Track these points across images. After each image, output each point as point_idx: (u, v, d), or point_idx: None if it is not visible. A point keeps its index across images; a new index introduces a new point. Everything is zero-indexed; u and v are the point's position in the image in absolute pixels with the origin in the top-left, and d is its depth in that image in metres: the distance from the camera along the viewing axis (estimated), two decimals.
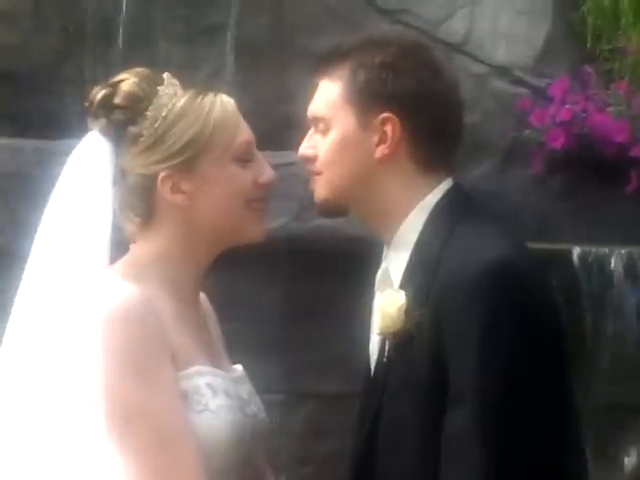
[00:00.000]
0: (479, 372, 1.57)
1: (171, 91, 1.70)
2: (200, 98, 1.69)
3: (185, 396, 1.59)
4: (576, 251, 2.91)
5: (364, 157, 1.75)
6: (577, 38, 3.29)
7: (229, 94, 1.73)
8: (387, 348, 1.73)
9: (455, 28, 3.27)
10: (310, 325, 2.82)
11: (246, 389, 1.78)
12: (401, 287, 1.70)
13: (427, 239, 1.70)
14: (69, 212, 1.69)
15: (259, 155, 1.78)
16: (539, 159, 3.16)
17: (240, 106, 1.83)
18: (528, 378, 1.59)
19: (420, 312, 1.63)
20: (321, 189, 1.79)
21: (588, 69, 3.21)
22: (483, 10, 3.28)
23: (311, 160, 1.81)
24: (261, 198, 1.76)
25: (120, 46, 3.19)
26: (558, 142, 3.09)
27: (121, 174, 1.71)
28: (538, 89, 3.23)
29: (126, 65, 3.07)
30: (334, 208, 1.82)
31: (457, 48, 3.27)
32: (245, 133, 1.75)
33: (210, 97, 1.71)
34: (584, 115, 3.14)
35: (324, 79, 1.80)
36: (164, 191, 1.68)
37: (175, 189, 1.68)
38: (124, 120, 1.69)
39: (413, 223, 1.72)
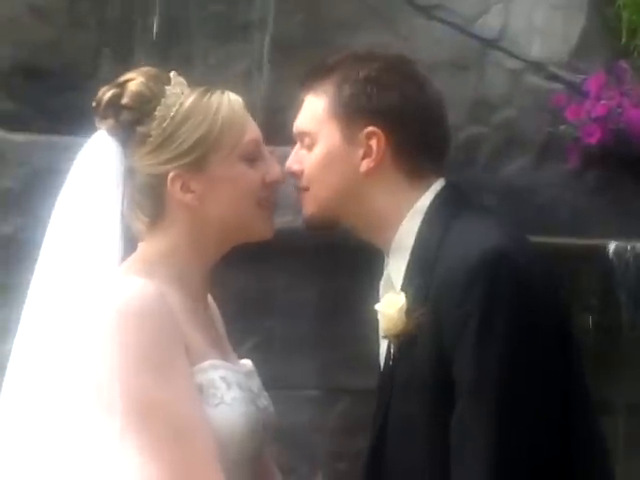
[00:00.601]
0: (476, 365, 1.59)
1: (178, 90, 1.71)
2: (207, 97, 1.71)
3: (200, 390, 1.60)
4: (612, 246, 2.88)
5: (350, 171, 1.77)
6: (612, 33, 3.27)
7: (265, 91, 1.74)
8: (392, 349, 1.76)
9: (490, 24, 3.25)
10: (344, 321, 2.82)
11: (255, 383, 1.81)
12: (402, 289, 1.72)
13: (424, 240, 1.71)
14: (77, 212, 1.71)
15: (267, 153, 1.80)
16: (574, 154, 3.14)
17: (275, 103, 1.84)
18: (526, 368, 1.59)
19: (421, 312, 1.65)
20: (308, 204, 1.81)
21: (623, 64, 3.18)
22: (518, 6, 3.26)
23: (297, 175, 1.82)
24: (269, 196, 1.77)
25: (155, 43, 3.21)
26: (593, 137, 3.06)
27: (130, 174, 1.72)
28: (573, 84, 3.21)
29: (161, 62, 3.13)
30: (322, 222, 1.84)
31: (492, 44, 3.25)
32: (253, 131, 1.77)
33: (217, 95, 1.73)
34: (619, 110, 3.11)
35: (309, 94, 1.83)
36: (174, 191, 1.70)
37: (185, 188, 1.70)
38: (132, 120, 1.70)
39: (408, 228, 1.74)
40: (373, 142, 1.74)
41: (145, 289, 1.59)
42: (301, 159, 1.82)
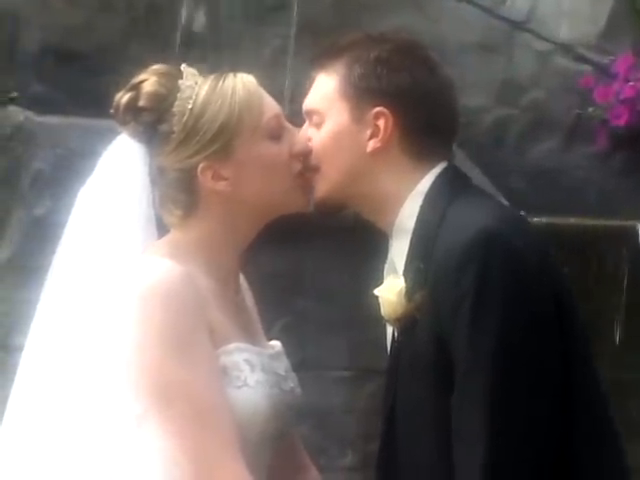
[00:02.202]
0: (471, 344, 1.59)
1: (192, 82, 1.71)
2: (221, 83, 1.71)
3: (225, 372, 1.61)
4: None
5: (356, 150, 1.76)
6: None
7: (292, 75, 1.74)
8: (396, 333, 1.77)
9: (518, 6, 3.25)
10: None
11: (282, 365, 1.81)
12: (404, 273, 1.71)
13: (423, 223, 1.71)
14: (99, 216, 1.72)
15: (290, 126, 1.80)
16: (603, 136, 3.15)
17: (303, 86, 1.85)
18: (520, 347, 1.59)
19: (420, 295, 1.65)
20: (319, 186, 1.80)
21: None
22: None
23: (305, 153, 1.82)
24: (301, 167, 1.78)
25: (183, 25, 3.21)
26: (622, 119, 3.08)
27: (159, 172, 1.73)
28: (601, 66, 3.22)
29: (189, 45, 3.14)
30: (332, 204, 1.83)
31: (520, 26, 3.26)
32: (272, 108, 1.77)
33: (230, 79, 1.73)
34: None
35: (321, 73, 1.82)
36: (205, 181, 1.70)
37: (216, 177, 1.70)
38: (152, 121, 1.71)
39: (409, 210, 1.73)
40: (381, 122, 1.74)
41: (172, 271, 1.61)
42: (309, 137, 1.83)
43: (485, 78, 3.15)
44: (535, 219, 2.87)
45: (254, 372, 1.65)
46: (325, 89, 1.80)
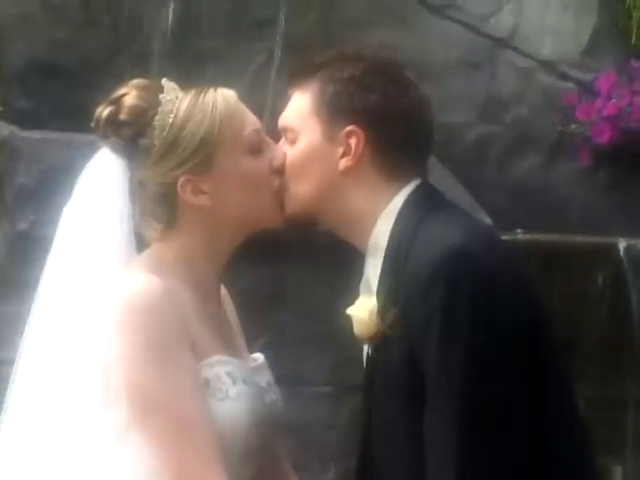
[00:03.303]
0: (440, 363, 1.57)
1: (173, 96, 1.71)
2: (202, 97, 1.70)
3: (207, 384, 1.61)
4: (622, 244, 2.90)
5: (328, 169, 1.75)
6: (623, 33, 3.29)
7: (276, 90, 1.74)
8: (370, 351, 1.76)
9: (502, 23, 3.28)
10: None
11: (265, 378, 1.80)
12: (377, 292, 1.70)
13: (395, 242, 1.70)
14: (83, 228, 1.70)
15: (270, 141, 1.79)
16: (586, 152, 3.16)
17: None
18: (488, 364, 1.58)
19: (392, 313, 1.63)
20: (289, 202, 1.79)
21: (634, 63, 3.20)
22: (529, 5, 3.29)
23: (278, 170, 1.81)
24: (278, 183, 1.77)
25: (168, 40, 3.22)
26: (604, 137, 3.09)
27: (139, 186, 1.72)
28: (584, 83, 3.24)
29: (174, 60, 3.15)
30: (301, 220, 1.82)
31: (504, 43, 3.29)
32: (252, 122, 1.76)
33: (211, 94, 1.72)
34: (630, 109, 3.13)
35: (296, 90, 1.81)
36: (185, 195, 1.69)
37: (196, 191, 1.69)
38: (133, 135, 1.70)
39: (383, 229, 1.72)
40: (352, 141, 1.73)
41: (152, 285, 1.60)
42: (285, 153, 1.83)
43: (468, 94, 3.16)
44: (518, 235, 2.89)
45: (236, 384, 1.65)
46: (299, 107, 1.80)
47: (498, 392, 1.58)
